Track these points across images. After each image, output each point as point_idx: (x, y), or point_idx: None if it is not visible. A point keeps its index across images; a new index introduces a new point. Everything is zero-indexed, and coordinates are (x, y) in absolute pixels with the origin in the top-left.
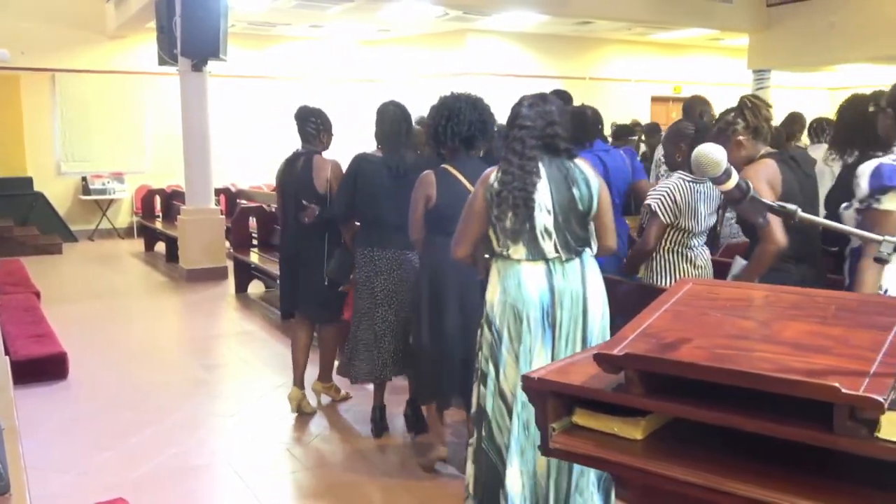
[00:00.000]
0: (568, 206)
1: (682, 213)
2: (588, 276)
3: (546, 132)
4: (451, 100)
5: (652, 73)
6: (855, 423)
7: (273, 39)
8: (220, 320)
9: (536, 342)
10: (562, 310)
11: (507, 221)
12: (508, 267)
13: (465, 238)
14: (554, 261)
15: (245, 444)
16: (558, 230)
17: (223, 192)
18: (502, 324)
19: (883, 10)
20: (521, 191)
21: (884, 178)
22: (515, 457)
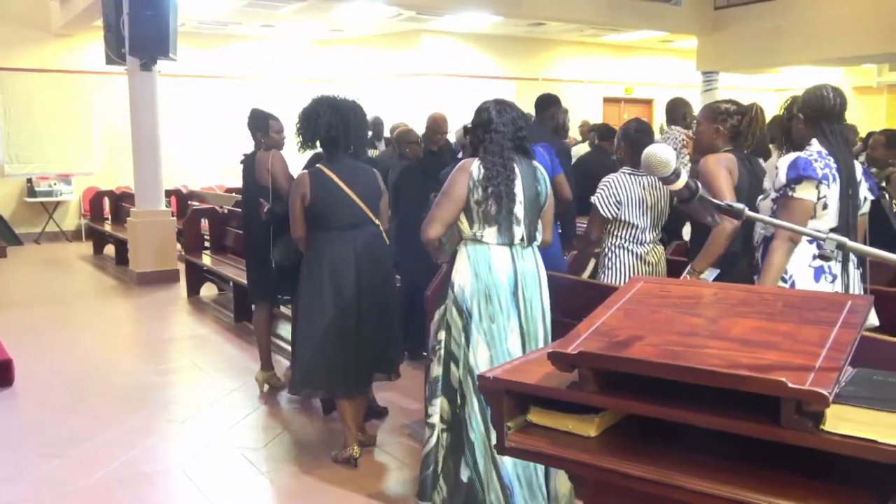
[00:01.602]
0: (533, 199)
1: (624, 207)
2: (539, 263)
3: (517, 136)
4: (312, 103)
5: (604, 75)
6: (801, 416)
7: (224, 39)
8: (171, 324)
9: (507, 320)
10: (525, 290)
11: (492, 208)
12: (479, 251)
13: (439, 220)
14: (517, 246)
15: (199, 449)
16: (526, 219)
17: (174, 193)
18: (473, 305)
19: (826, 14)
20: (507, 184)
21: (800, 169)
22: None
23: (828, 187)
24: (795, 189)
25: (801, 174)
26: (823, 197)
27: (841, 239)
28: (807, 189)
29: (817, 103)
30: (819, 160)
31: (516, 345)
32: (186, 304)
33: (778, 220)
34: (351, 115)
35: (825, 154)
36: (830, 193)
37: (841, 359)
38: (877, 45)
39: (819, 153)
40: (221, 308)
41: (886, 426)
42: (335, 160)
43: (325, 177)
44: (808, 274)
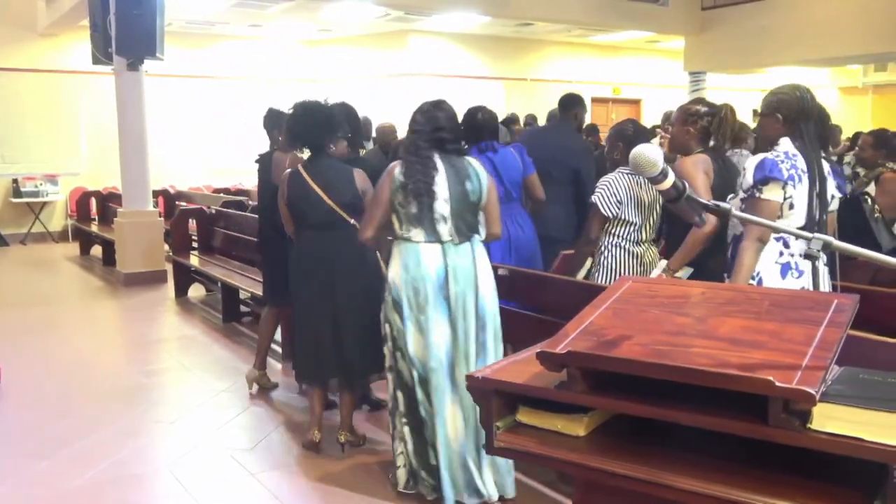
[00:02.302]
0: (461, 196)
1: (624, 206)
2: (477, 257)
3: (434, 135)
4: (292, 108)
5: (592, 75)
6: (789, 415)
7: (212, 39)
8: (159, 325)
9: (434, 312)
10: (456, 285)
11: (412, 207)
12: (409, 248)
13: (371, 223)
14: (448, 243)
15: (187, 450)
16: (453, 217)
17: (161, 193)
18: (404, 297)
19: (811, 15)
20: (423, 182)
21: (766, 170)
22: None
23: (794, 187)
24: (762, 190)
25: (768, 175)
26: (789, 197)
27: (827, 238)
28: (773, 190)
29: (797, 104)
30: (785, 161)
31: (443, 337)
32: (174, 304)
33: (768, 221)
34: (314, 116)
35: (791, 154)
36: (797, 193)
37: (827, 357)
38: (862, 46)
39: (786, 154)
40: (209, 309)
41: (873, 424)
42: (312, 161)
43: (301, 178)
44: (775, 270)
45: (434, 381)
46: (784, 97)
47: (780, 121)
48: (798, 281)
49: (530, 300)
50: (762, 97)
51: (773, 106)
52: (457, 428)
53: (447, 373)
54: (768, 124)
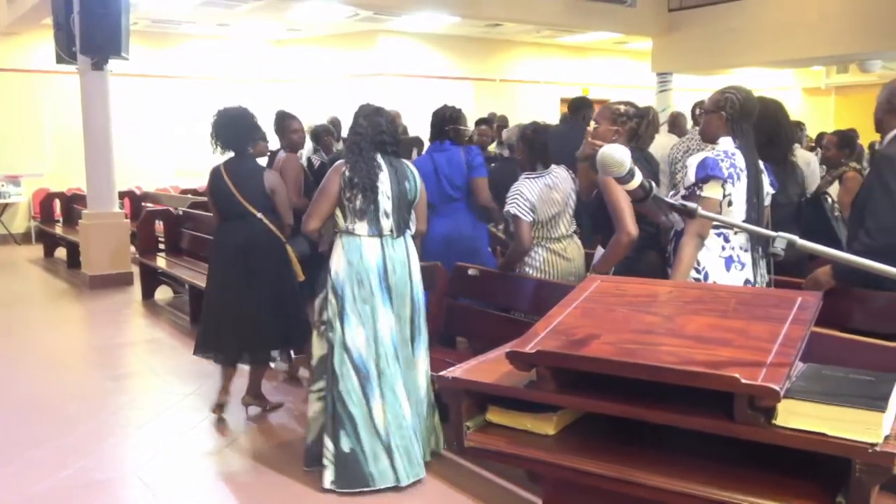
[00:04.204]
0: (400, 195)
1: (539, 209)
2: (410, 250)
3: (376, 138)
4: (215, 114)
5: (561, 75)
6: (754, 411)
7: (178, 38)
8: (126, 328)
9: (378, 302)
10: (395, 275)
11: (358, 202)
12: (352, 242)
13: (316, 215)
14: (387, 237)
15: (155, 455)
16: (394, 213)
17: (127, 195)
18: (347, 289)
19: (775, 18)
20: (368, 179)
21: (707, 168)
22: (376, 400)
23: (733, 185)
24: (703, 188)
25: (709, 174)
26: (729, 195)
27: (790, 237)
28: (713, 188)
29: (741, 104)
30: (725, 160)
31: (387, 324)
32: (141, 307)
33: (730, 220)
34: (235, 122)
35: (731, 153)
36: (735, 191)
37: (791, 354)
38: (824, 48)
39: (725, 152)
40: (177, 311)
41: (835, 420)
42: (232, 161)
43: (220, 175)
44: (720, 264)
45: (382, 365)
46: (730, 96)
47: (723, 119)
48: (742, 273)
49: (490, 297)
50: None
51: (720, 104)
52: (406, 406)
53: (395, 356)
54: (712, 121)
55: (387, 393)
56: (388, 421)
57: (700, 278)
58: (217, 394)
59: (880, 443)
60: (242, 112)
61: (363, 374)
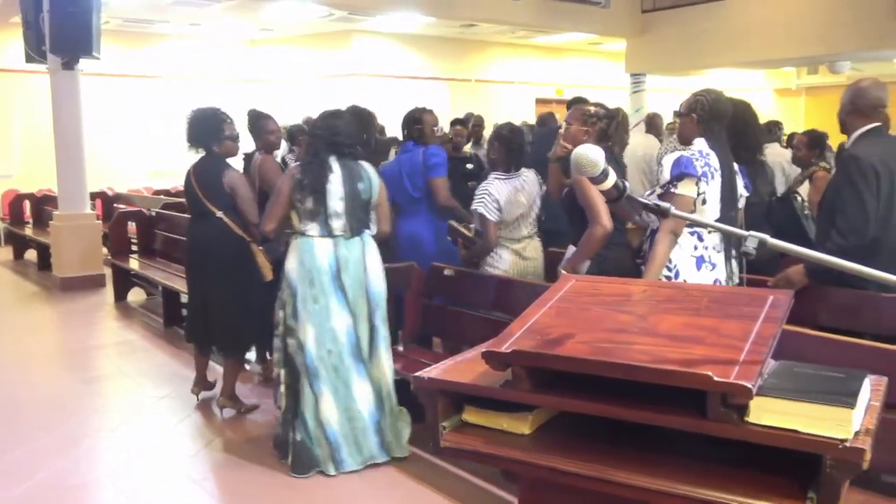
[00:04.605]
0: (354, 195)
1: (505, 209)
2: (367, 250)
3: (332, 140)
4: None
5: (535, 76)
6: (727, 409)
7: (151, 38)
8: (98, 330)
9: (331, 300)
10: (348, 274)
11: (308, 204)
12: (305, 242)
13: (272, 217)
14: (339, 237)
15: (129, 459)
16: (346, 214)
17: (99, 196)
18: (299, 288)
19: (747, 20)
20: (317, 181)
21: (682, 167)
22: (326, 394)
23: (706, 184)
24: (677, 185)
25: (683, 172)
26: (703, 193)
27: (762, 236)
28: (687, 186)
29: (711, 107)
30: (700, 159)
31: (342, 322)
32: (113, 309)
33: (703, 219)
34: (204, 122)
35: (705, 153)
36: (709, 190)
37: (763, 352)
38: (795, 49)
39: (700, 152)
40: (150, 313)
41: (807, 416)
42: (200, 160)
43: (188, 174)
44: (691, 263)
45: (333, 363)
46: (700, 99)
47: (695, 121)
48: (712, 273)
49: (464, 297)
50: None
51: (692, 107)
52: (366, 400)
53: (351, 353)
54: (685, 124)
55: (339, 387)
56: (339, 414)
57: (671, 276)
58: (193, 385)
59: (850, 438)
60: (211, 112)
61: (312, 370)
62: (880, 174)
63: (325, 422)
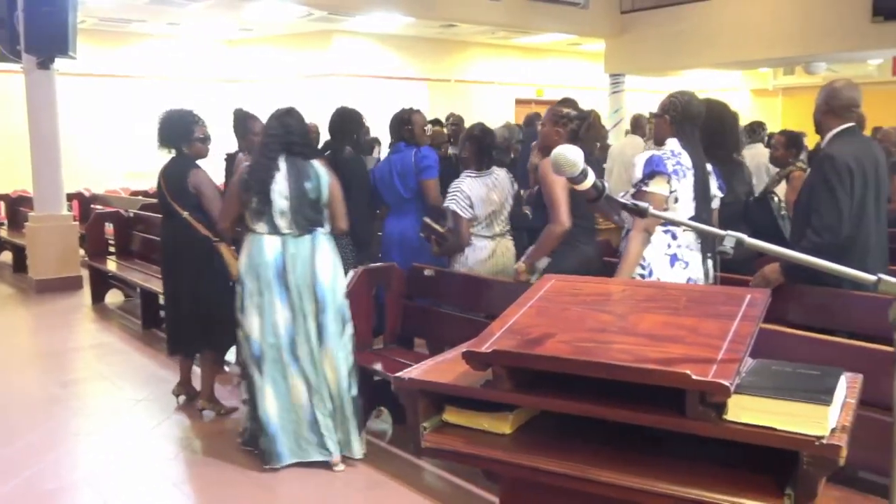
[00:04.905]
0: (300, 194)
1: (476, 206)
2: (317, 248)
3: (285, 139)
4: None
5: (515, 76)
6: (705, 407)
7: (128, 37)
8: (75, 333)
9: (273, 296)
10: (294, 272)
11: (254, 203)
12: (254, 239)
13: (224, 215)
14: (287, 235)
15: (107, 463)
16: (292, 212)
17: (76, 196)
18: (247, 282)
19: (724, 21)
20: (260, 181)
21: (653, 165)
22: (267, 385)
23: (678, 181)
24: (649, 184)
25: (655, 170)
26: (674, 191)
27: (739, 236)
28: (659, 184)
29: (683, 107)
30: (671, 158)
31: (283, 317)
32: (91, 311)
33: (679, 219)
34: (173, 122)
35: (677, 153)
36: (681, 188)
37: (741, 351)
38: (772, 50)
39: (672, 151)
40: (128, 315)
41: (784, 414)
42: (170, 160)
43: (159, 174)
44: (664, 261)
45: (273, 356)
46: (673, 100)
47: (668, 122)
48: (685, 271)
49: (446, 298)
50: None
51: (665, 108)
52: (300, 396)
53: (288, 349)
54: (659, 125)
55: (279, 380)
56: (278, 406)
57: (644, 274)
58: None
59: (826, 436)
60: (181, 113)
61: (257, 361)
62: (854, 173)
63: (266, 413)
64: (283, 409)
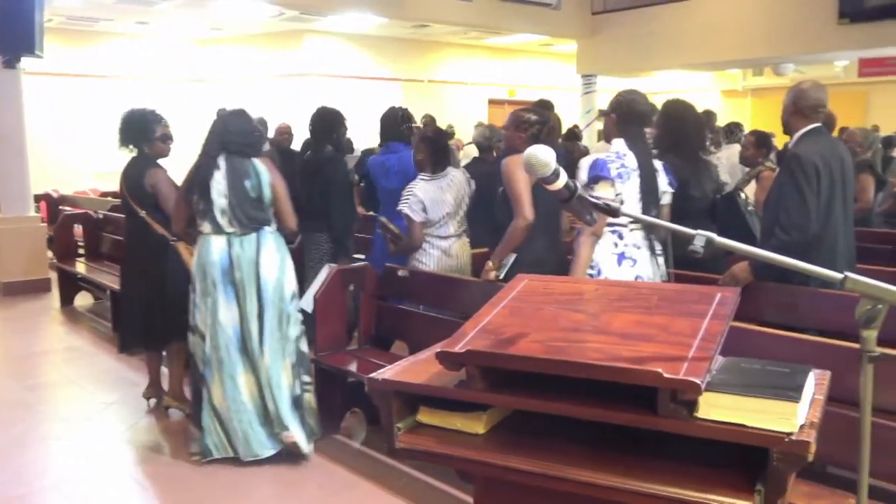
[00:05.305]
0: (240, 193)
1: (429, 209)
2: (262, 247)
3: (222, 138)
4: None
5: (488, 77)
6: (677, 404)
7: (96, 36)
8: (43, 336)
9: (220, 295)
10: (240, 271)
11: (199, 203)
12: (202, 239)
13: (175, 217)
14: (231, 234)
15: (77, 468)
16: (232, 210)
17: (44, 198)
18: (197, 283)
19: (694, 22)
20: (201, 180)
21: (598, 169)
22: (217, 384)
23: (622, 184)
24: (594, 188)
25: (598, 175)
26: (619, 194)
27: (709, 235)
28: (603, 187)
29: (628, 106)
30: (615, 160)
31: (229, 317)
32: (59, 314)
33: (652, 219)
34: (133, 123)
35: (622, 154)
36: (626, 189)
37: (712, 349)
38: (741, 51)
39: (617, 153)
40: (98, 318)
41: (753, 411)
42: (130, 160)
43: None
44: (612, 260)
45: (221, 354)
46: (620, 100)
47: (615, 121)
48: (633, 269)
49: (419, 298)
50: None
51: (612, 107)
52: (251, 392)
53: (237, 347)
54: (607, 123)
55: (226, 380)
56: (227, 405)
57: (593, 274)
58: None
59: (795, 432)
60: (143, 112)
61: (207, 361)
62: (821, 172)
63: (217, 411)
64: (233, 407)
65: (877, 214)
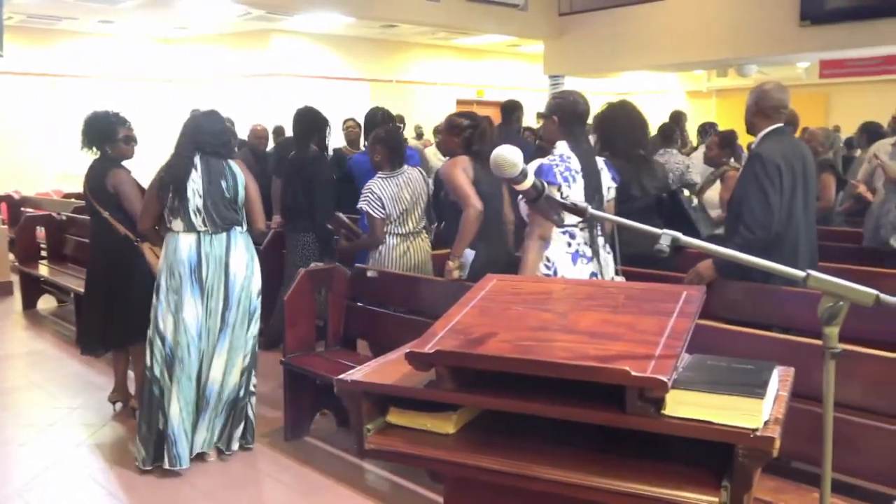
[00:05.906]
0: (216, 193)
1: (387, 205)
2: (232, 247)
3: (195, 138)
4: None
5: (456, 77)
6: (644, 402)
7: (58, 35)
8: (5, 340)
9: (186, 293)
10: (208, 270)
11: (172, 201)
12: (171, 237)
13: (144, 215)
14: (203, 233)
15: (40, 473)
16: (206, 210)
17: (5, 199)
18: (163, 280)
19: (660, 24)
20: (177, 179)
21: (543, 174)
22: (174, 385)
23: (569, 187)
24: None
25: (545, 180)
26: (567, 197)
27: (675, 234)
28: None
29: (570, 108)
30: (560, 164)
31: (193, 315)
32: (22, 318)
33: (620, 219)
34: (95, 124)
35: (566, 157)
36: (573, 192)
37: (678, 346)
38: (705, 53)
39: (561, 156)
40: (61, 321)
41: (720, 408)
42: (93, 161)
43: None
44: (567, 259)
45: (182, 354)
46: (560, 102)
47: (556, 123)
48: (588, 266)
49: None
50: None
51: (551, 109)
52: (204, 391)
53: (196, 345)
54: (547, 126)
55: (183, 380)
56: (182, 408)
57: (550, 273)
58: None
59: (760, 428)
60: (105, 114)
61: (169, 359)
62: (783, 171)
63: (168, 416)
64: (187, 409)
65: (837, 213)
